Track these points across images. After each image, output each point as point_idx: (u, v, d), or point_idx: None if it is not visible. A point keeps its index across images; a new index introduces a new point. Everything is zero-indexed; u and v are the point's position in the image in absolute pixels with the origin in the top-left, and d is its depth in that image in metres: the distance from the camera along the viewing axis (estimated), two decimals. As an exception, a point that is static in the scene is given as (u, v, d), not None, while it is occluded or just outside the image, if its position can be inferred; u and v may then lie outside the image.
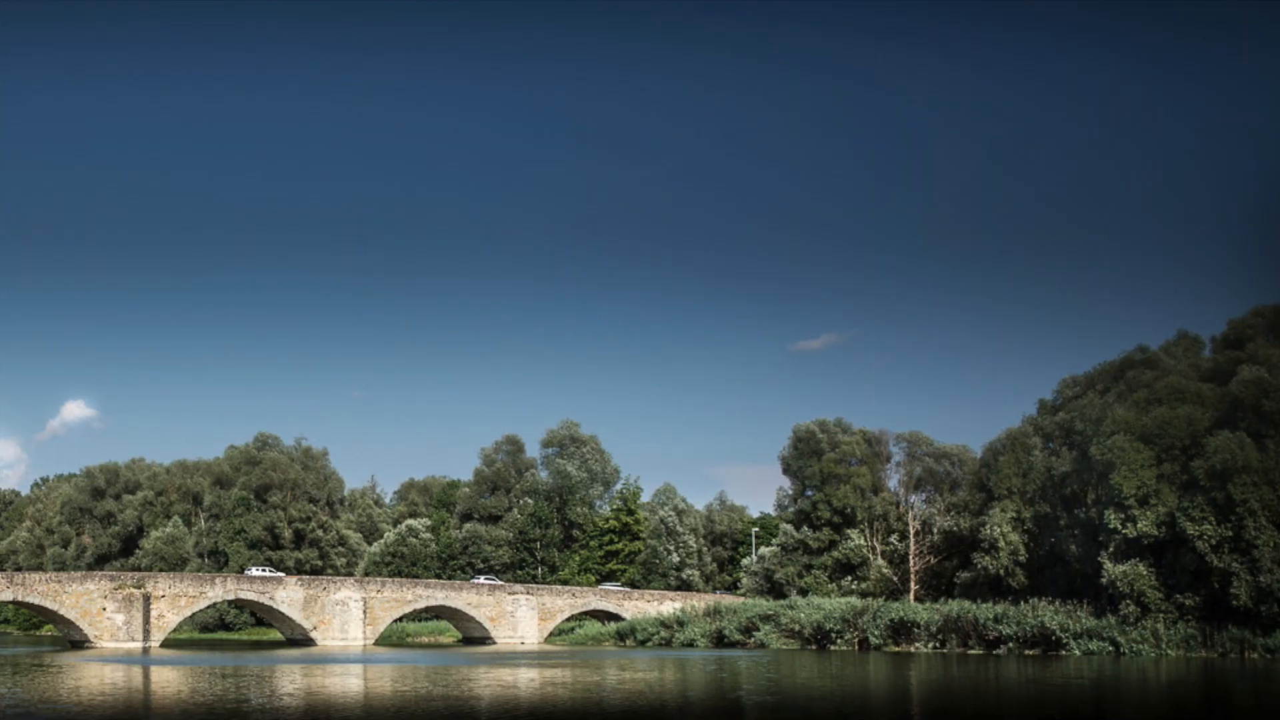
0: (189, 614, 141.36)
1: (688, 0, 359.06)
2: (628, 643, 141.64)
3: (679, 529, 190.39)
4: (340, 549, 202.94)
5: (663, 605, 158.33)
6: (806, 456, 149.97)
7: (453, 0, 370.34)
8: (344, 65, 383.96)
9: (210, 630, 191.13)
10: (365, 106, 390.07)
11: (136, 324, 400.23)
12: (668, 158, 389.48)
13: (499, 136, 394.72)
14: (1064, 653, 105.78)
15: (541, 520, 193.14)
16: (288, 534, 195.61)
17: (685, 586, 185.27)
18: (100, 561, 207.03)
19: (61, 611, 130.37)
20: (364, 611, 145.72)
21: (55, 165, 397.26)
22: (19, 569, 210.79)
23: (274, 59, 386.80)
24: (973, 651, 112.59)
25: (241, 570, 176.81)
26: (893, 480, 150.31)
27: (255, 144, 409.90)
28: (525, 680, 78.12)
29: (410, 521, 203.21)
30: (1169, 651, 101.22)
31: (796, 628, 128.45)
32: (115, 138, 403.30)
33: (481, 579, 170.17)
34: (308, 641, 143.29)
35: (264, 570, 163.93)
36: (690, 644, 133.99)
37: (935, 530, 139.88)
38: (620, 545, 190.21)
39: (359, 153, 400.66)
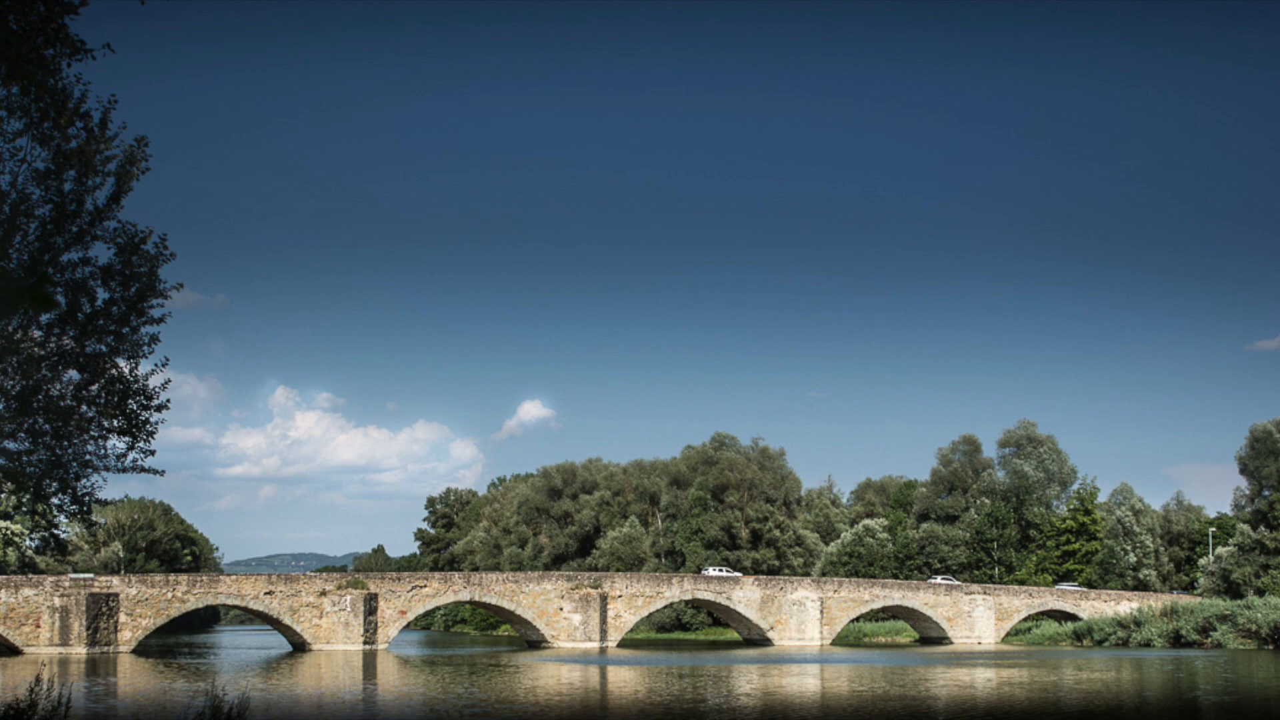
0: (645, 614, 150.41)
1: (1144, 1, 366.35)
2: (1084, 643, 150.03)
3: (1136, 529, 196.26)
4: (797, 549, 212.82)
5: (1119, 605, 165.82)
6: (1263, 456, 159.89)
7: (913, 5, 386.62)
8: (808, 67, 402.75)
9: (667, 630, 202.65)
10: (824, 106, 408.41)
11: (594, 324, 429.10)
12: (1124, 157, 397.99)
13: (957, 137, 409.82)
14: None
15: (998, 520, 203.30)
16: (744, 534, 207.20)
17: (1141, 586, 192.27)
18: (557, 561, 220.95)
19: (518, 611, 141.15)
20: (821, 611, 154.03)
21: (509, 165, 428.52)
22: (476, 569, 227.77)
23: (729, 62, 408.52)
24: None
25: (698, 570, 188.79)
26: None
27: (709, 143, 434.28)
28: (982, 680, 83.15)
29: (867, 521, 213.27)
30: None
31: (1253, 628, 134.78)
32: (570, 137, 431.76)
33: (938, 579, 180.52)
34: (764, 641, 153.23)
35: (721, 570, 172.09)
36: (1146, 644, 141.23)
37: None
38: (1077, 545, 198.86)
39: (817, 153, 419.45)
